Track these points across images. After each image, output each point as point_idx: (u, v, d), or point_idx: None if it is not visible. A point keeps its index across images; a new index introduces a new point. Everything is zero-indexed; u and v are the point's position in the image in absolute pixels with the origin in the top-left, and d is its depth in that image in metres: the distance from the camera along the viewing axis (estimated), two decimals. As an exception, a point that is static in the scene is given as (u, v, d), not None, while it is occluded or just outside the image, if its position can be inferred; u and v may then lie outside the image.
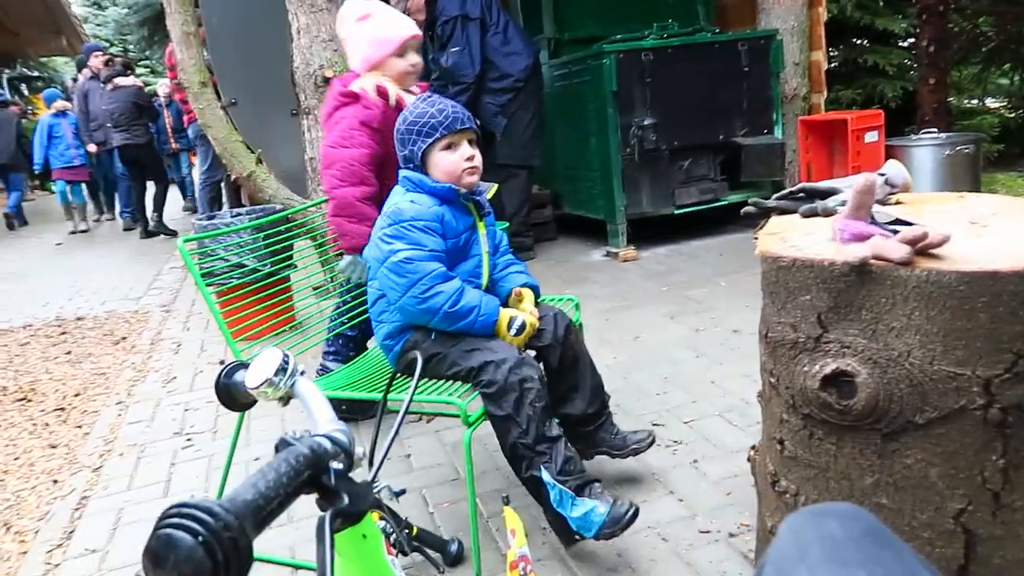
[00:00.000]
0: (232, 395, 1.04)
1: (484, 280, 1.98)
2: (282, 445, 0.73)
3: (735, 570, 1.77)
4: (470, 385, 1.86)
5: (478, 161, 1.91)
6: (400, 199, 1.90)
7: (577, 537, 1.75)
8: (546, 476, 1.72)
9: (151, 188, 8.42)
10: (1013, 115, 8.73)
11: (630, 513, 1.71)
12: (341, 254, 2.49)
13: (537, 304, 2.02)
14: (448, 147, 1.87)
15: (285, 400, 1.00)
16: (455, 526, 2.07)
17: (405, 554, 1.53)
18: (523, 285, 2.02)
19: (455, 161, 1.87)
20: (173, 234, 7.92)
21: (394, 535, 1.34)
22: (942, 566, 1.19)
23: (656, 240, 5.03)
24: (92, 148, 8.80)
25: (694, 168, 4.92)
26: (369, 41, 2.36)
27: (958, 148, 4.80)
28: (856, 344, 1.16)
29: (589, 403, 2.01)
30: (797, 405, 1.27)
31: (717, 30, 5.28)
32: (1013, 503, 1.13)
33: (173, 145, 9.45)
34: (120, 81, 8.01)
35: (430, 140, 1.86)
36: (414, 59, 2.34)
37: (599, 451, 2.08)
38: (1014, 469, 1.11)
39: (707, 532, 1.92)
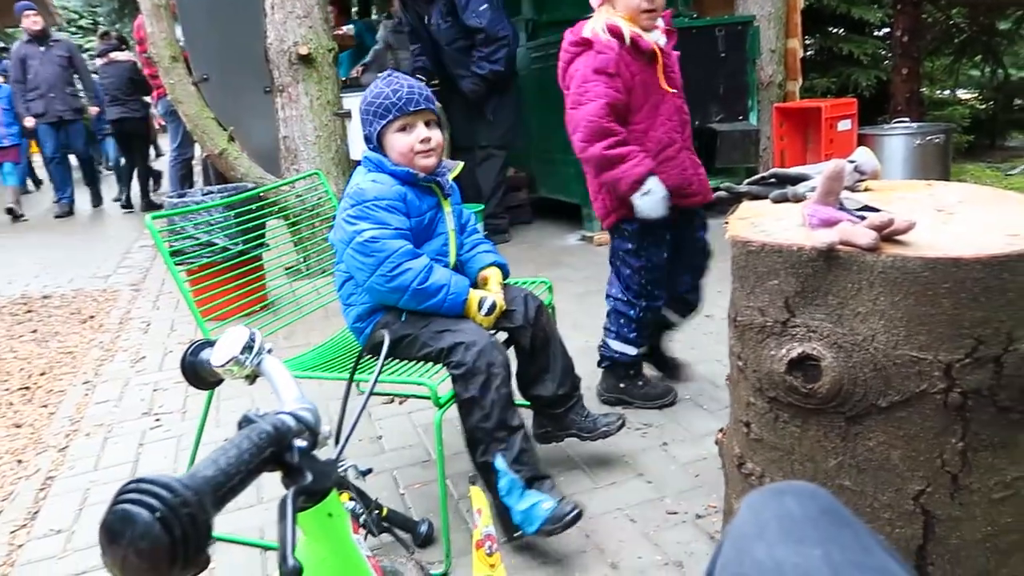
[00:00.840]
0: (198, 373, 1.02)
1: (451, 259, 1.98)
2: (245, 422, 0.72)
3: (702, 551, 1.79)
4: (442, 366, 1.86)
5: (435, 143, 1.88)
6: (362, 179, 1.89)
7: (516, 534, 1.76)
8: (499, 463, 1.74)
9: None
10: (983, 107, 8.86)
11: (572, 514, 1.71)
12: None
13: (506, 285, 2.02)
14: (403, 129, 1.85)
15: (251, 378, 0.99)
16: (426, 507, 2.07)
17: (375, 535, 1.53)
18: (491, 264, 2.01)
19: (409, 143, 1.85)
20: (160, 207, 7.76)
21: (364, 516, 1.33)
22: (901, 546, 1.21)
23: (631, 225, 5.03)
24: (29, 122, 7.85)
25: (669, 153, 4.93)
26: None
27: (929, 138, 4.87)
28: (822, 328, 1.18)
29: (559, 384, 2.02)
30: (764, 388, 1.28)
31: (695, 15, 5.28)
32: (971, 485, 1.15)
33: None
34: (115, 56, 7.86)
35: (384, 121, 1.84)
36: None
37: (569, 433, 2.09)
38: (972, 452, 1.14)
39: (675, 513, 1.94)
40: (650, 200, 2.13)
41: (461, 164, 2.03)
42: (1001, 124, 8.77)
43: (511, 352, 2.06)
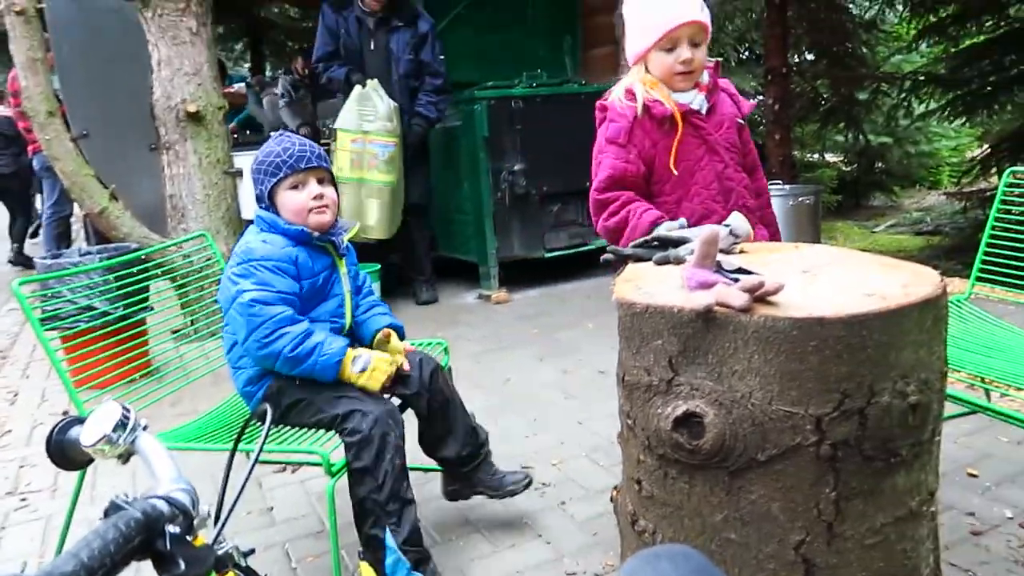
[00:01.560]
0: (66, 453, 0.96)
1: (347, 320, 1.96)
2: (112, 509, 0.68)
3: (600, 610, 1.79)
4: (334, 433, 1.81)
5: (328, 200, 1.88)
6: (252, 238, 1.86)
7: None
8: (389, 540, 1.72)
9: None
10: (849, 169, 9.61)
11: None
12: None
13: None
14: (295, 186, 1.85)
15: (125, 458, 0.95)
16: (318, 581, 1.99)
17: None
18: (387, 326, 2.00)
19: (301, 201, 1.84)
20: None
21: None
22: (786, 596, 1.25)
23: (527, 283, 5.12)
24: None
25: (563, 213, 5.08)
26: (633, 27, 1.88)
27: (801, 199, 5.22)
28: (704, 386, 1.22)
29: (463, 445, 2.01)
30: (652, 446, 1.31)
31: (583, 81, 5.52)
32: (844, 532, 1.21)
33: None
34: None
35: (275, 179, 1.83)
36: (686, 54, 1.80)
37: (476, 491, 2.07)
38: (844, 501, 1.20)
39: (573, 574, 1.94)
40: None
41: (357, 225, 2.03)
42: (864, 185, 9.53)
43: (411, 415, 2.04)
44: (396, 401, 1.97)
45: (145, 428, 0.94)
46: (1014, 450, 2.41)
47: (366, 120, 4.33)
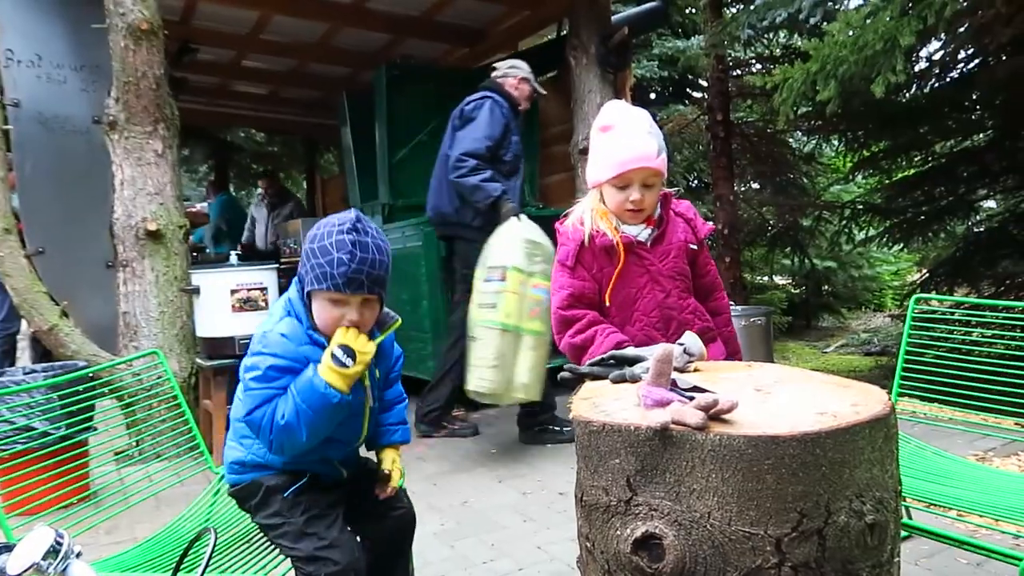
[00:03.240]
0: (-11, 584, 0.90)
1: (362, 436, 1.83)
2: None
3: None
4: (284, 558, 1.72)
5: (365, 323, 1.69)
6: (277, 324, 1.71)
7: None
8: None
9: None
10: (797, 291, 9.93)
11: None
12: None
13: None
14: (335, 302, 1.65)
15: (54, 588, 0.89)
16: None
17: None
18: (397, 442, 1.92)
19: (334, 318, 1.66)
20: None
21: None
22: None
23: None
24: None
25: (521, 332, 5.11)
26: (594, 156, 1.96)
27: (753, 319, 5.35)
28: (662, 506, 1.21)
29: None
30: (612, 570, 1.28)
31: (540, 205, 5.71)
32: (811, 661, 1.17)
33: None
34: None
35: (317, 286, 1.64)
36: (636, 196, 1.88)
37: None
38: (809, 626, 1.17)
39: None
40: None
41: (398, 321, 1.82)
42: (813, 307, 9.84)
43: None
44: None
45: (79, 555, 0.89)
46: (975, 573, 2.40)
47: (534, 261, 3.84)
